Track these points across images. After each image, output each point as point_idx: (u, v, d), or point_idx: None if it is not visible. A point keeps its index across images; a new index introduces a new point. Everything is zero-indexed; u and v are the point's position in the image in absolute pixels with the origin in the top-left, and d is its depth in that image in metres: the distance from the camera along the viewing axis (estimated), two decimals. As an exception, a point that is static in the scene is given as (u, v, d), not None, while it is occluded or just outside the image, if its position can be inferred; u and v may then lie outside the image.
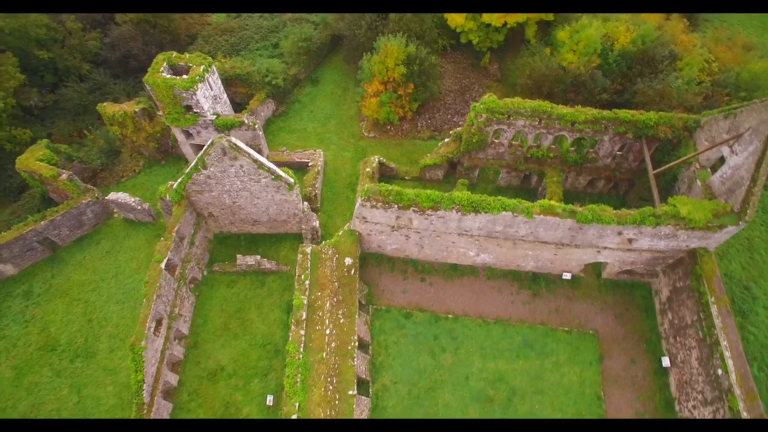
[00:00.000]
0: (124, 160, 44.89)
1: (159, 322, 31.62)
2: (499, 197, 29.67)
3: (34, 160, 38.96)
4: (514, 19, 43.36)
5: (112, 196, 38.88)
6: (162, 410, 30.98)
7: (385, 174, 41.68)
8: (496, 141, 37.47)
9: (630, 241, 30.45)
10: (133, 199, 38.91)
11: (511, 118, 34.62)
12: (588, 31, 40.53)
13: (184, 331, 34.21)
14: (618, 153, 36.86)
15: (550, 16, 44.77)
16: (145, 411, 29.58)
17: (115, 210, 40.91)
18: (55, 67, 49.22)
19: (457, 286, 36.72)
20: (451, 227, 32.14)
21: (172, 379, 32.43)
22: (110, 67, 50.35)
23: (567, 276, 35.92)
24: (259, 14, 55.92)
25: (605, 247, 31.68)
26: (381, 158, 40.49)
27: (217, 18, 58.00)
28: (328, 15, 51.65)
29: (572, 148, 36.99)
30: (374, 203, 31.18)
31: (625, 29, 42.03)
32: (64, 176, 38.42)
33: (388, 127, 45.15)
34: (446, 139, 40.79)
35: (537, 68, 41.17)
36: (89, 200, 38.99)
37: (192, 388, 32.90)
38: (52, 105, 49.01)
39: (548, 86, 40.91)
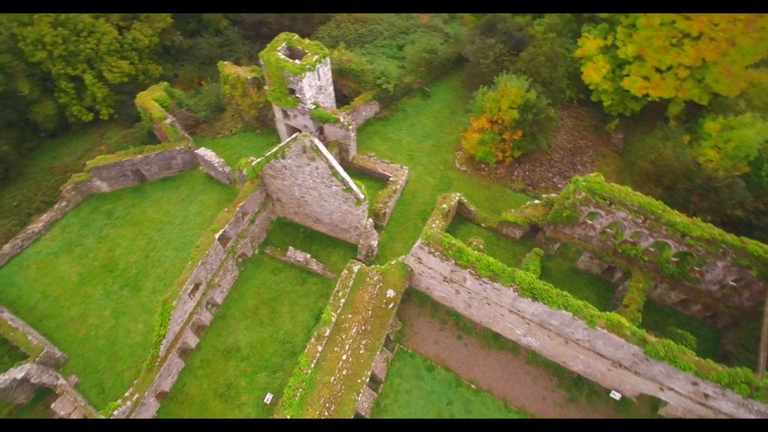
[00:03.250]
0: (225, 119, 47.09)
1: (196, 287, 32.63)
2: (564, 293, 26.31)
3: (150, 99, 42.14)
4: (658, 92, 38.20)
5: (201, 151, 40.87)
6: (173, 366, 32.12)
7: (461, 214, 39.28)
8: (589, 222, 33.46)
9: (706, 396, 25.56)
10: (217, 160, 40.57)
11: (613, 207, 30.53)
12: (746, 130, 34.55)
13: (218, 300, 35.16)
14: (730, 283, 31.15)
15: (704, 99, 38.80)
16: (157, 363, 30.83)
17: (200, 163, 43.04)
18: (200, 16, 52.72)
19: (491, 358, 33.74)
20: (504, 302, 29.32)
21: (192, 341, 33.51)
22: (244, 28, 52.95)
23: (616, 395, 31.38)
24: (395, 12, 55.28)
25: (671, 389, 26.96)
26: (462, 197, 38.13)
27: (356, 5, 58.39)
28: (461, 32, 49.62)
29: (674, 259, 31.92)
30: (433, 250, 29.29)
31: (798, 140, 35.22)
32: (168, 121, 41.08)
33: (483, 166, 42.45)
34: (536, 201, 37.32)
35: (666, 156, 35.97)
36: (182, 148, 41.37)
37: (206, 357, 33.73)
38: (186, 50, 52.75)
39: (671, 179, 35.62)
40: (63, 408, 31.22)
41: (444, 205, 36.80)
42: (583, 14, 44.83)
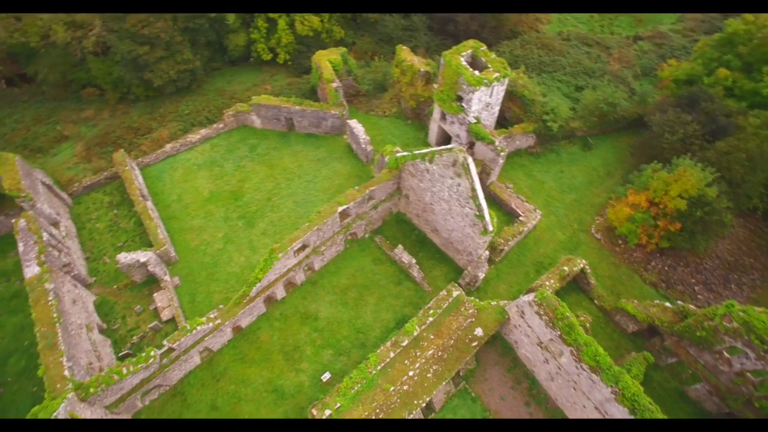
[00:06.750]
0: (384, 99, 47.98)
1: (303, 248, 33.90)
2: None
3: (326, 59, 44.13)
4: None
5: (353, 122, 42.06)
6: (256, 309, 33.95)
7: (577, 282, 36.34)
8: (725, 355, 28.98)
9: None
10: (364, 136, 41.48)
11: (768, 354, 26.02)
12: None
13: (315, 267, 36.37)
14: None
15: None
16: (245, 301, 32.69)
17: (346, 133, 44.40)
18: (395, -6, 53.86)
19: (554, 442, 31.12)
20: (594, 396, 26.58)
21: (279, 294, 35.08)
22: (431, 19, 53.00)
23: None
24: (586, 50, 52.02)
25: None
26: (587, 267, 35.18)
27: (549, 29, 55.89)
28: (649, 92, 45.13)
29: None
30: (541, 312, 27.34)
31: None
32: (335, 85, 42.74)
33: (620, 242, 38.65)
34: (667, 304, 33.19)
35: None
36: (336, 113, 42.93)
37: (285, 313, 35.14)
38: (372, 22, 54.33)
39: None
40: (161, 301, 34.62)
41: (565, 268, 34.21)
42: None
